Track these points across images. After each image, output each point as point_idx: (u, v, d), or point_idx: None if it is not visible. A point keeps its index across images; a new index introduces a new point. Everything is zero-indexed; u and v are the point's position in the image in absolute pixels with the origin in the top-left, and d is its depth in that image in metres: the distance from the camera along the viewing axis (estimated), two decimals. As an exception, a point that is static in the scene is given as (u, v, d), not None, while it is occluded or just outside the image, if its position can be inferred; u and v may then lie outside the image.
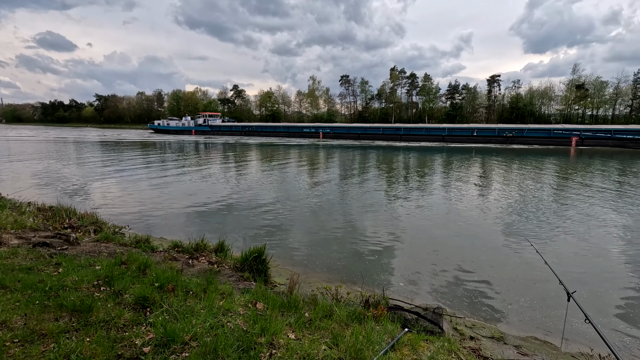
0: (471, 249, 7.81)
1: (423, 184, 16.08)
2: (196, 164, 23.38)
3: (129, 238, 6.94)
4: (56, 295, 3.14)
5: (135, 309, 3.08)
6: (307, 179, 17.41)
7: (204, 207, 11.30)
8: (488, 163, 24.89)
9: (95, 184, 15.20)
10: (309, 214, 10.71)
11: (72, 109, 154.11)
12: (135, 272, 4.08)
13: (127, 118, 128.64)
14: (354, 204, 11.97)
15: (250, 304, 3.60)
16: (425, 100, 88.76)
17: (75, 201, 11.33)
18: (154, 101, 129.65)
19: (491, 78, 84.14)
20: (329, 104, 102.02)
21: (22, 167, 19.77)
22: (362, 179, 17.46)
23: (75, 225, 8.00)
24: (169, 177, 17.44)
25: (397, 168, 22.19)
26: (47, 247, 5.44)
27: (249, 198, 12.67)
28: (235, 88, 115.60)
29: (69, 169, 19.40)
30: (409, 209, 11.24)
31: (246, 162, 24.91)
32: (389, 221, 9.90)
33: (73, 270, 3.91)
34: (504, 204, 12.01)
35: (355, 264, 6.94)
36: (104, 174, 17.83)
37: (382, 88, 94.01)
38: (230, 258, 6.24)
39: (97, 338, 2.52)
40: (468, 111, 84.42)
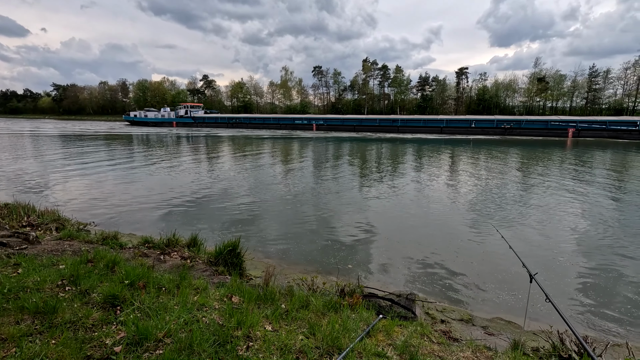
0: (443, 237, 8.10)
1: (420, 174, 16.41)
2: (172, 157, 22.60)
3: (95, 235, 6.64)
4: (16, 297, 2.97)
5: (105, 308, 2.96)
6: (295, 173, 17.30)
7: (177, 201, 10.98)
8: (477, 154, 25.71)
9: (57, 179, 14.36)
10: (285, 206, 10.68)
11: (26, 99, 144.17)
12: (103, 270, 3.92)
13: (89, 109, 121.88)
14: (331, 196, 12.04)
15: (226, 298, 3.56)
16: (397, 92, 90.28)
17: (34, 198, 10.66)
18: (118, 91, 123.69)
19: (459, 70, 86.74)
20: (302, 95, 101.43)
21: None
22: (363, 173, 17.57)
23: (34, 223, 7.55)
24: (140, 171, 16.77)
25: (390, 158, 22.49)
26: (4, 247, 5.11)
27: (225, 192, 12.44)
28: (205, 78, 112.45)
29: (26, 164, 18.19)
30: (385, 199, 11.46)
31: (229, 156, 24.22)
32: (367, 212, 10.06)
33: (34, 271, 3.70)
34: (477, 193, 12.50)
35: (331, 254, 7.01)
36: (66, 169, 16.87)
37: (355, 79, 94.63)
38: (204, 252, 6.12)
39: (64, 340, 2.41)
40: (438, 103, 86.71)
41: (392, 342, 3.11)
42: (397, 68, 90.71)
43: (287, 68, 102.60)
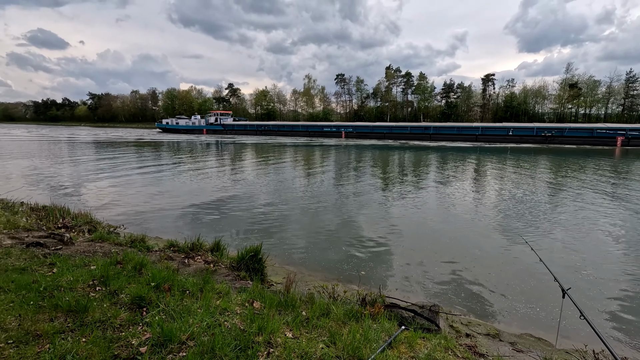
0: (468, 247, 7.86)
1: (459, 184, 16.13)
2: (200, 164, 23.22)
3: (124, 238, 6.88)
4: (51, 295, 3.11)
5: (132, 309, 3.06)
6: (325, 181, 17.40)
7: (202, 206, 11.25)
8: (514, 163, 24.76)
9: (90, 183, 15.06)
10: (307, 213, 10.71)
11: (65, 108, 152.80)
12: (131, 271, 4.05)
13: (121, 117, 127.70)
14: (353, 203, 11.98)
15: (247, 303, 3.59)
16: (421, 99, 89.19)
17: (69, 201, 11.21)
18: (148, 100, 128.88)
19: (486, 77, 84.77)
20: (324, 103, 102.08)
21: (16, 167, 19.53)
22: (398, 182, 17.48)
23: (69, 225, 7.93)
24: (168, 177, 17.34)
25: (425, 167, 22.25)
26: (41, 247, 5.38)
27: (249, 198, 12.63)
28: (230, 87, 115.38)
29: (64, 169, 19.20)
30: (410, 208, 11.28)
31: (255, 163, 24.39)
32: (391, 220, 9.93)
33: (68, 270, 3.88)
34: (508, 203, 12.09)
35: (352, 262, 6.95)
36: (98, 174, 17.68)
37: (378, 87, 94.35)
38: (226, 257, 6.21)
39: (93, 338, 2.50)
40: (463, 110, 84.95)
41: (415, 355, 3.02)
42: (421, 75, 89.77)
43: (310, 76, 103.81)
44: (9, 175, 16.53)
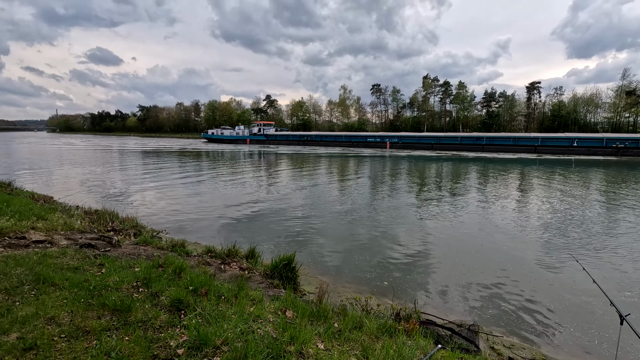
0: (512, 264, 7.41)
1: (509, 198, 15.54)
2: (241, 173, 23.93)
3: (166, 242, 7.20)
4: (99, 294, 3.32)
5: (171, 311, 3.18)
6: (361, 193, 17.38)
7: (240, 214, 11.56)
8: (579, 176, 23.18)
9: (138, 189, 16.03)
10: (342, 224, 10.66)
11: (117, 119, 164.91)
12: (171, 275, 4.22)
13: (166, 127, 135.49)
14: (390, 215, 11.78)
15: (280, 312, 3.61)
16: (460, 109, 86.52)
17: (118, 205, 11.99)
18: (191, 111, 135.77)
19: (531, 85, 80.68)
20: (359, 113, 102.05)
21: (73, 173, 21.26)
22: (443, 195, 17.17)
23: (117, 229, 8.44)
24: (209, 184, 18.07)
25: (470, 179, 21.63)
26: (92, 248, 5.77)
27: (285, 207, 12.82)
28: (268, 98, 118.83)
29: (115, 176, 20.62)
30: (451, 221, 10.89)
31: (296, 173, 24.53)
32: (430, 233, 9.63)
33: (115, 271, 4.12)
34: (563, 220, 11.33)
35: (386, 275, 6.79)
36: (147, 181, 18.78)
37: (415, 96, 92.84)
38: (260, 265, 6.31)
39: (135, 338, 2.63)
40: (505, 119, 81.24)
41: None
42: (460, 84, 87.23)
43: (345, 87, 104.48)
44: (67, 181, 18.02)
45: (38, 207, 8.81)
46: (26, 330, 2.59)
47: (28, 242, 5.53)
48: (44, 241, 5.72)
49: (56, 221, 7.28)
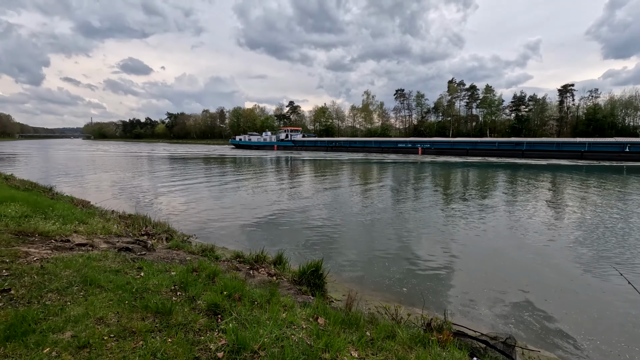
0: (550, 275, 7.14)
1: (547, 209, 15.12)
2: (267, 178, 24.23)
3: (196, 247, 7.43)
4: (141, 297, 3.49)
5: (208, 315, 3.29)
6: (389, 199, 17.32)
7: (265, 220, 11.75)
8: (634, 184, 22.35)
9: (168, 195, 16.62)
10: (369, 231, 10.63)
11: (147, 126, 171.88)
12: (205, 279, 4.37)
13: (193, 134, 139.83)
14: (420, 223, 11.63)
15: (312, 318, 3.66)
16: (487, 113, 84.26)
17: (150, 210, 12.47)
18: (216, 118, 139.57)
19: (563, 88, 77.59)
20: (382, 118, 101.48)
21: (107, 179, 22.30)
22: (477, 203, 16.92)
23: (150, 233, 8.78)
24: (235, 190, 18.49)
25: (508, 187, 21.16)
26: (129, 251, 6.04)
27: (311, 213, 12.91)
28: (291, 104, 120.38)
29: (146, 181, 21.47)
30: (485, 231, 10.63)
31: (322, 179, 24.22)
32: (461, 243, 9.45)
33: (153, 275, 4.31)
34: (607, 230, 10.84)
35: (415, 284, 6.71)
36: (176, 186, 19.44)
37: (439, 101, 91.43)
38: (288, 271, 6.39)
39: (178, 340, 2.75)
40: (536, 124, 78.43)
41: (489, 391, 2.81)
42: (487, 88, 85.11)
43: (368, 92, 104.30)
44: (102, 186, 18.92)
45: (78, 211, 9.31)
46: (79, 329, 2.77)
47: (72, 245, 5.87)
48: (86, 244, 6.05)
49: (95, 225, 7.67)
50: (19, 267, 4.06)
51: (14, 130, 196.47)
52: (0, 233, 5.58)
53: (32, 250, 4.94)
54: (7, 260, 4.26)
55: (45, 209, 8.07)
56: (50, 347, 2.50)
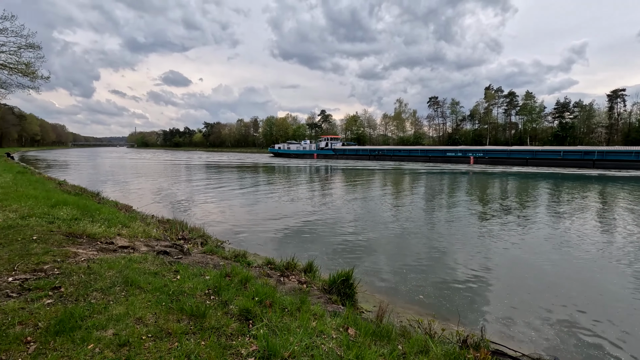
0: (599, 294, 6.61)
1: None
2: (304, 187, 24.35)
3: (229, 252, 7.60)
4: (177, 299, 3.61)
5: (240, 320, 3.35)
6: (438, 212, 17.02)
7: (299, 228, 11.84)
8: None
9: (204, 201, 17.22)
10: (404, 242, 10.41)
11: (185, 135, 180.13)
12: (238, 284, 4.45)
13: (228, 143, 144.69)
14: (457, 237, 11.25)
15: (342, 329, 3.61)
16: (527, 120, 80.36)
17: (186, 215, 12.97)
18: (250, 127, 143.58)
19: (613, 93, 72.51)
20: (415, 126, 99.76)
21: (148, 185, 23.51)
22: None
23: (186, 237, 9.11)
24: (271, 198, 18.84)
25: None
26: (167, 255, 6.29)
27: (345, 223, 12.88)
28: (322, 113, 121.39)
29: (184, 188, 22.41)
30: (531, 244, 10.10)
31: (361, 189, 23.41)
32: (504, 258, 9.02)
33: (188, 278, 4.46)
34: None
35: (449, 298, 6.45)
36: (213, 193, 20.12)
37: (476, 108, 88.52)
38: (318, 279, 6.37)
39: (210, 343, 2.81)
40: (582, 131, 73.76)
41: (532, 416, 2.62)
42: (527, 94, 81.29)
43: (401, 100, 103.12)
44: (143, 192, 19.95)
45: (122, 215, 9.86)
46: (120, 328, 2.91)
47: (116, 247, 6.21)
48: (128, 247, 6.38)
49: (137, 229, 8.08)
50: (68, 266, 4.36)
51: (68, 139, 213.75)
52: (53, 234, 6.02)
53: (80, 251, 5.29)
54: (58, 260, 4.59)
55: (93, 212, 8.63)
56: (94, 344, 2.64)
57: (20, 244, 5.17)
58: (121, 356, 2.53)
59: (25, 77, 25.31)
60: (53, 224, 6.75)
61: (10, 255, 4.62)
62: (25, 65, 24.49)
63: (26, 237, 5.59)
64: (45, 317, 2.98)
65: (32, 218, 7.01)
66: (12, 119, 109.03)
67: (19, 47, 23.81)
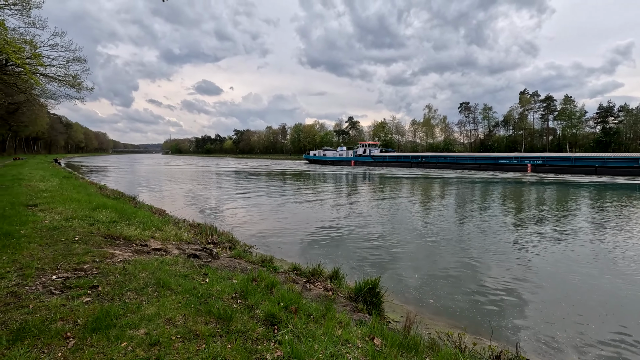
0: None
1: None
2: (341, 195, 24.31)
3: (256, 257, 7.71)
4: (205, 302, 3.70)
5: (265, 325, 3.37)
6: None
7: (328, 234, 11.83)
8: None
9: (237, 207, 17.63)
10: (436, 253, 10.14)
11: (216, 142, 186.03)
12: (264, 289, 4.49)
13: (256, 149, 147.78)
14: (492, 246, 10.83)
15: (368, 338, 3.54)
16: (566, 126, 76.34)
17: (216, 220, 13.31)
18: (278, 134, 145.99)
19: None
20: (445, 133, 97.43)
21: (181, 190, 24.39)
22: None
23: (216, 242, 9.33)
24: (307, 205, 19.00)
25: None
26: (197, 258, 6.47)
27: (377, 233, 12.74)
28: (350, 119, 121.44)
29: (215, 193, 23.06)
30: (573, 251, 9.56)
31: (405, 200, 22.29)
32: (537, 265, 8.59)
33: (216, 282, 4.55)
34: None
35: (480, 311, 6.18)
36: (242, 199, 20.57)
37: (509, 114, 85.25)
38: (344, 287, 6.31)
39: (236, 346, 2.84)
40: (628, 137, 69.04)
41: None
42: (567, 98, 77.31)
43: (430, 106, 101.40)
44: (176, 197, 20.71)
45: (156, 218, 10.27)
46: (151, 328, 3.01)
47: (149, 249, 6.47)
48: (160, 249, 6.62)
49: (169, 232, 8.38)
50: (105, 266, 4.58)
51: (109, 146, 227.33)
52: (93, 236, 6.37)
53: (117, 252, 5.55)
54: (97, 260, 4.84)
55: (129, 215, 9.05)
56: (127, 342, 2.75)
57: (63, 244, 5.50)
58: (152, 355, 2.62)
59: (72, 89, 27.26)
60: (93, 226, 7.13)
61: (54, 254, 4.93)
62: (72, 78, 26.35)
63: (69, 237, 5.94)
64: (84, 314, 3.15)
65: (75, 220, 7.45)
66: (60, 128, 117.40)
67: (68, 60, 25.68)
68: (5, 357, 2.50)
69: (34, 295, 3.55)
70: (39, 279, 4.00)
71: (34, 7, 21.91)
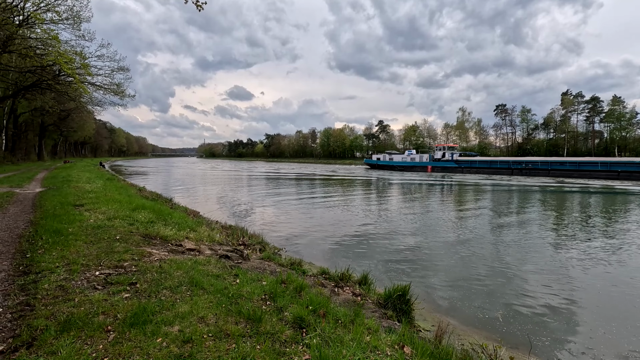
0: None
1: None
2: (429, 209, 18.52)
3: (285, 260, 7.77)
4: (236, 302, 3.78)
5: (294, 328, 3.39)
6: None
7: (359, 240, 11.74)
8: None
9: (267, 211, 17.95)
10: (475, 263, 9.78)
11: (247, 146, 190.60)
12: (293, 292, 4.52)
13: (287, 153, 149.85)
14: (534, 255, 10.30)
15: (397, 346, 3.47)
16: (615, 128, 71.24)
17: (246, 222, 13.58)
18: (308, 138, 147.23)
19: None
20: (480, 136, 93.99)
21: (215, 193, 25.16)
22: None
23: (246, 243, 9.52)
24: (362, 213, 19.03)
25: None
26: (228, 259, 6.63)
27: (427, 245, 12.51)
28: (380, 123, 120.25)
29: (246, 196, 23.60)
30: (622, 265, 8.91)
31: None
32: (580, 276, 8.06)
33: (247, 283, 4.64)
34: None
35: (518, 323, 5.86)
36: (277, 203, 20.90)
37: (550, 116, 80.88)
38: (373, 293, 6.22)
39: (265, 348, 2.88)
40: (686, 140, 63.21)
41: None
42: (615, 99, 72.22)
43: (464, 108, 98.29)
44: (209, 199, 21.38)
45: (190, 220, 10.66)
46: (184, 325, 3.12)
47: (184, 249, 6.72)
48: (194, 249, 6.86)
49: (202, 233, 8.66)
50: (143, 264, 4.81)
51: (148, 150, 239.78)
52: (133, 235, 6.71)
53: (154, 251, 5.81)
54: (136, 258, 5.09)
55: (166, 216, 9.45)
56: (162, 338, 2.86)
57: (106, 243, 5.84)
58: (184, 352, 2.70)
59: (116, 96, 29.14)
60: (133, 226, 7.52)
61: (98, 252, 5.24)
62: (116, 86, 28.18)
63: (111, 236, 6.30)
64: (123, 309, 3.31)
65: (117, 220, 7.89)
66: (105, 133, 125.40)
67: (112, 70, 27.49)
68: (54, 346, 2.68)
69: (79, 289, 3.79)
70: (84, 274, 4.27)
71: (83, 21, 23.68)
